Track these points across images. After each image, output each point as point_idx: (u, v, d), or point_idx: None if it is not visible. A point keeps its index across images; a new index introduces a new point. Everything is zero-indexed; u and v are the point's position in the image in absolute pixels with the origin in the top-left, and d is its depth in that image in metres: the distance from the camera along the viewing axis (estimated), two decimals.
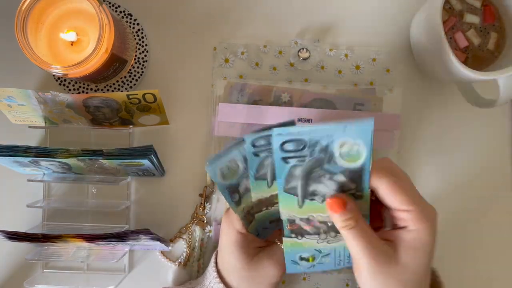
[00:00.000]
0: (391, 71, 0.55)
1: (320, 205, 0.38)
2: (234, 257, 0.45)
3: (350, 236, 0.38)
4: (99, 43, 0.43)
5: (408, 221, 0.39)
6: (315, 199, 0.38)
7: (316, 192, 0.38)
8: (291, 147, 0.34)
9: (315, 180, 0.37)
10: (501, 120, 0.56)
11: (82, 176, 0.52)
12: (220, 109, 0.52)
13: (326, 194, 0.38)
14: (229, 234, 0.45)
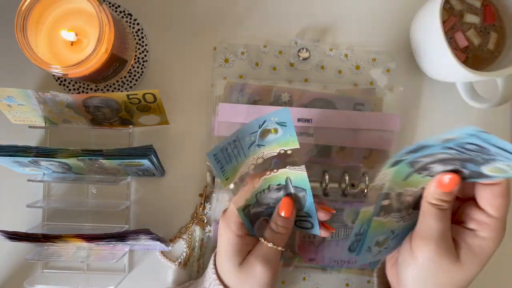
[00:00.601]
0: (391, 71, 0.55)
1: (421, 179, 0.39)
2: (228, 260, 0.45)
3: (437, 215, 0.39)
4: (99, 43, 0.43)
5: (484, 226, 0.39)
6: (422, 173, 0.38)
7: (430, 169, 0.38)
8: (471, 148, 0.34)
9: (444, 163, 0.37)
10: (501, 120, 0.56)
11: (82, 176, 0.52)
12: (220, 109, 0.52)
13: (436, 172, 0.38)
14: (226, 236, 0.45)
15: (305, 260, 0.53)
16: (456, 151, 0.35)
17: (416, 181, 0.40)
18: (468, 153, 0.35)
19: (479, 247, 0.39)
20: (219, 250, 0.46)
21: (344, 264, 0.53)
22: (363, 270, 0.53)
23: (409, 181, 0.39)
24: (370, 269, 0.53)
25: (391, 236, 0.43)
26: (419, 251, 0.39)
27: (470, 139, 0.33)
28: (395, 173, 0.39)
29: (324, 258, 0.53)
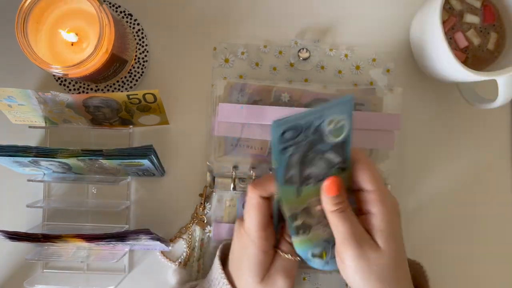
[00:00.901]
0: (391, 71, 0.55)
1: (314, 187, 0.40)
2: (252, 275, 0.44)
3: (340, 219, 0.40)
4: (99, 43, 0.43)
5: (371, 203, 0.41)
6: (310, 182, 0.39)
7: (310, 175, 0.39)
8: (289, 135, 0.35)
9: (309, 163, 0.38)
10: (501, 120, 0.56)
11: (82, 176, 0.52)
12: (220, 108, 0.52)
13: (319, 175, 0.39)
14: (251, 252, 0.44)
15: None
16: (291, 146, 0.36)
17: (312, 192, 0.40)
18: (299, 140, 0.36)
19: (382, 222, 0.40)
20: (240, 264, 0.45)
21: None
22: None
23: (304, 196, 0.40)
24: None
25: (328, 246, 0.43)
26: (345, 257, 0.40)
27: (275, 131, 0.35)
28: (283, 195, 0.39)
29: None
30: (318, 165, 0.39)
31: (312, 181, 0.39)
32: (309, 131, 0.37)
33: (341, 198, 0.40)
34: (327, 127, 0.37)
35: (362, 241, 0.40)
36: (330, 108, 0.37)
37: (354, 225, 0.40)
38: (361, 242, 0.40)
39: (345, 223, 0.40)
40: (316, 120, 0.36)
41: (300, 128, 0.36)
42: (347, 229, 0.40)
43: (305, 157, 0.38)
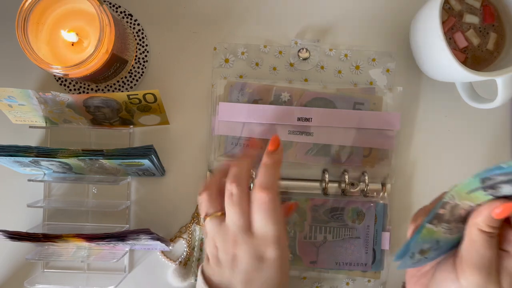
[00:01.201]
0: (391, 71, 0.55)
1: (483, 196, 0.37)
2: None
3: (486, 243, 0.37)
4: (100, 44, 0.43)
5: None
6: (488, 191, 0.37)
7: (497, 189, 0.36)
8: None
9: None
10: (501, 120, 0.56)
11: (83, 176, 0.53)
12: (220, 108, 0.52)
13: (500, 194, 0.37)
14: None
15: (306, 262, 0.53)
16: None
17: (476, 197, 0.38)
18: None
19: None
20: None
21: (346, 266, 0.53)
22: (365, 272, 0.53)
23: (471, 196, 0.38)
24: (372, 272, 0.53)
25: (435, 246, 0.42)
26: (467, 277, 0.38)
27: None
28: (464, 184, 0.37)
29: (326, 260, 0.53)
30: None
31: (491, 191, 0.37)
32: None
33: (499, 224, 0.37)
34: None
35: (492, 275, 0.37)
36: None
37: (494, 257, 0.38)
38: (491, 275, 0.37)
39: (489, 249, 0.37)
40: None
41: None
42: (488, 256, 0.37)
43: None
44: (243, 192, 0.42)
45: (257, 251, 0.41)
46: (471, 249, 0.38)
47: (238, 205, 0.42)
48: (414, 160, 0.55)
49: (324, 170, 0.53)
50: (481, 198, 0.38)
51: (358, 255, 0.53)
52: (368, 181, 0.52)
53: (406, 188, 0.55)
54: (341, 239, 0.53)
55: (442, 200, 0.38)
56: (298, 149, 0.53)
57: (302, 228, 0.53)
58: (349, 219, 0.53)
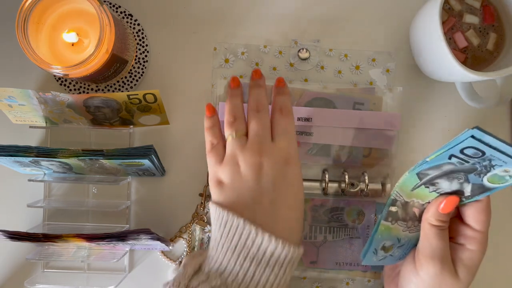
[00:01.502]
0: (391, 71, 0.55)
1: (428, 193, 0.41)
2: None
3: (437, 235, 0.41)
4: (100, 44, 0.43)
5: (471, 240, 0.42)
6: (429, 187, 0.40)
7: (437, 184, 0.39)
8: (469, 153, 0.35)
9: (448, 176, 0.39)
10: (500, 120, 0.56)
11: (83, 176, 0.53)
12: (220, 108, 0.52)
13: (442, 189, 0.40)
14: None
15: (307, 263, 0.53)
16: (459, 159, 0.36)
17: (423, 195, 0.41)
18: (469, 160, 0.35)
19: (470, 260, 0.42)
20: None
21: (346, 266, 0.53)
22: (365, 272, 0.53)
23: (416, 193, 0.41)
24: (372, 272, 0.53)
25: (397, 243, 0.45)
26: (424, 268, 0.42)
27: (468, 141, 0.34)
28: (404, 181, 0.40)
29: (326, 260, 0.53)
30: (452, 184, 0.39)
31: (433, 188, 0.40)
32: (484, 161, 0.35)
33: (448, 218, 0.42)
34: (498, 170, 0.36)
35: (446, 263, 0.41)
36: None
37: (447, 246, 0.42)
38: (445, 264, 0.41)
39: (440, 241, 0.41)
40: (497, 160, 0.35)
41: (482, 153, 0.34)
42: (440, 246, 0.41)
43: (453, 172, 0.38)
44: (265, 110, 0.47)
45: (282, 157, 0.45)
46: (425, 242, 0.42)
47: (262, 119, 0.46)
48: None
49: (324, 170, 0.53)
50: (428, 196, 0.41)
51: (358, 255, 0.53)
52: (368, 181, 0.52)
53: None
54: (341, 239, 0.53)
55: (390, 197, 0.41)
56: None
57: (302, 228, 0.53)
58: (349, 219, 0.53)
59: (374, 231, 0.43)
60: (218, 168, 0.45)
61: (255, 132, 0.45)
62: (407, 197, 0.41)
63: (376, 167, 0.54)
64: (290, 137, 0.46)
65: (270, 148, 0.45)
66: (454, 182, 0.39)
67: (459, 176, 0.38)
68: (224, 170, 0.45)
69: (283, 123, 0.46)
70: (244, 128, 0.47)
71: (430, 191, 0.40)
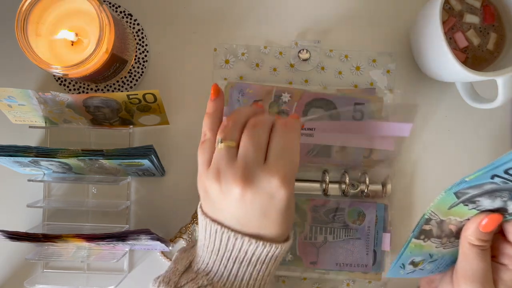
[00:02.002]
0: (391, 72, 0.55)
1: (467, 211, 0.38)
2: None
3: (478, 256, 0.39)
4: (100, 43, 0.43)
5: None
6: (469, 205, 0.38)
7: (478, 201, 0.37)
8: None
9: (490, 195, 0.36)
10: (501, 120, 0.56)
11: (82, 176, 0.53)
12: None
13: (483, 207, 0.38)
14: None
15: (307, 263, 0.53)
16: (503, 179, 0.34)
17: (462, 212, 0.39)
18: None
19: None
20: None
21: (346, 267, 0.53)
22: (366, 274, 0.53)
23: (453, 211, 0.39)
24: (373, 273, 0.53)
25: (428, 259, 0.43)
26: (451, 284, 0.40)
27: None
28: (440, 200, 0.38)
29: (326, 261, 0.53)
30: (494, 202, 0.37)
31: (472, 206, 0.38)
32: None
33: (490, 237, 0.39)
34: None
35: (487, 286, 0.39)
36: None
37: (489, 267, 0.39)
38: (486, 287, 0.39)
39: (481, 262, 0.39)
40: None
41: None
42: (481, 268, 0.39)
43: (495, 190, 0.36)
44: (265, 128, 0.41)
45: (270, 188, 0.39)
46: (464, 262, 0.39)
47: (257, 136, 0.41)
48: (415, 160, 0.55)
49: (325, 171, 0.53)
50: (468, 213, 0.39)
51: (358, 256, 0.53)
52: (368, 181, 0.52)
53: (407, 188, 0.55)
54: (341, 239, 0.53)
55: (424, 216, 0.39)
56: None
57: (303, 229, 0.53)
58: (349, 220, 0.53)
59: (404, 248, 0.41)
60: (204, 171, 0.41)
61: (245, 152, 0.40)
62: (443, 216, 0.39)
63: (376, 168, 0.54)
64: (288, 160, 0.40)
65: (258, 176, 0.39)
66: (497, 200, 0.37)
67: (502, 194, 0.36)
68: (208, 180, 0.41)
69: (282, 141, 0.41)
70: (238, 137, 0.41)
71: (469, 208, 0.38)
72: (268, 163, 0.40)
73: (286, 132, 0.41)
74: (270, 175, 0.39)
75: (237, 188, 0.39)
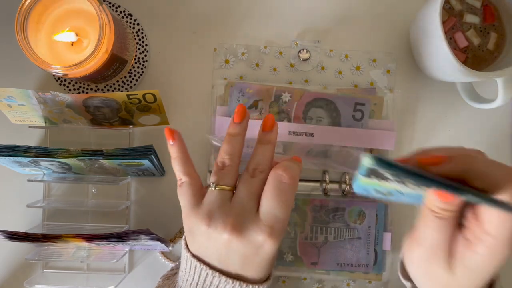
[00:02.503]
0: (391, 72, 0.55)
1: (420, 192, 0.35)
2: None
3: (433, 224, 0.36)
4: (99, 43, 0.43)
5: (479, 241, 0.35)
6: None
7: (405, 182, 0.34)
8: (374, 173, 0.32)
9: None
10: (501, 120, 0.56)
11: (82, 176, 0.52)
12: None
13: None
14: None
15: (308, 264, 0.53)
16: (381, 176, 0.32)
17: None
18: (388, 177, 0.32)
19: (474, 262, 0.36)
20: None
21: (347, 268, 0.53)
22: (367, 274, 0.53)
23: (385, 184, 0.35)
24: (374, 273, 0.53)
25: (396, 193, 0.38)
26: (411, 252, 0.39)
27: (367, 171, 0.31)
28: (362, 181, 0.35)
29: (327, 261, 0.53)
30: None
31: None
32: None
33: (449, 208, 0.35)
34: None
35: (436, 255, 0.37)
36: None
37: (442, 239, 0.36)
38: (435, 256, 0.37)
39: (435, 231, 0.36)
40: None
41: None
42: (433, 236, 0.36)
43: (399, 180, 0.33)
44: (263, 175, 0.41)
45: (257, 241, 0.39)
46: (419, 225, 0.38)
47: (253, 187, 0.41)
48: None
49: (325, 171, 0.53)
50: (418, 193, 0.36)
51: (359, 256, 0.53)
52: None
53: None
54: (342, 239, 0.53)
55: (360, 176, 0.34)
56: (298, 150, 0.53)
57: (303, 229, 0.53)
58: (350, 220, 0.53)
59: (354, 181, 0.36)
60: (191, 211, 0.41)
61: (240, 200, 0.40)
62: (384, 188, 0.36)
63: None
64: (280, 213, 0.40)
65: (248, 227, 0.39)
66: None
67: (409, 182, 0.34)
68: (197, 219, 0.41)
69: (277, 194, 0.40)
70: (232, 181, 0.42)
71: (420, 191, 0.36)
72: (260, 214, 0.40)
73: (282, 185, 0.40)
74: (260, 229, 0.39)
75: (225, 234, 0.39)
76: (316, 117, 0.53)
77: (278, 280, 0.54)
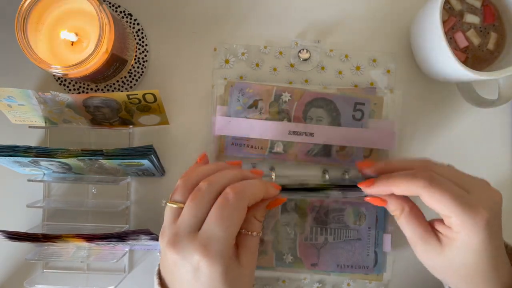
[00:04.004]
0: (392, 72, 0.55)
1: None
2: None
3: (399, 222, 0.44)
4: (99, 43, 0.43)
5: (452, 224, 0.40)
6: None
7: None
8: None
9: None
10: (501, 120, 0.56)
11: (82, 176, 0.52)
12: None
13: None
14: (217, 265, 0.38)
15: (307, 265, 0.53)
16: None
17: None
18: None
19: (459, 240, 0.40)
20: None
21: (348, 269, 0.53)
22: (367, 275, 0.53)
23: None
24: (374, 274, 0.53)
25: None
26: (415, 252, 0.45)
27: None
28: None
29: (327, 262, 0.53)
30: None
31: None
32: None
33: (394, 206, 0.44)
34: None
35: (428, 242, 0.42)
36: None
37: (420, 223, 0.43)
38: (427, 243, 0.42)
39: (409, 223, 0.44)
40: None
41: None
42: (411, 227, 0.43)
43: None
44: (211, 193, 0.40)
45: (195, 260, 0.38)
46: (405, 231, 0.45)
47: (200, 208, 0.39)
48: None
49: (325, 171, 0.53)
50: None
51: (359, 257, 0.53)
52: None
53: None
54: (342, 240, 0.53)
55: None
56: (298, 149, 0.53)
57: (303, 229, 0.53)
58: (350, 220, 0.53)
59: None
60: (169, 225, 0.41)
61: (182, 218, 0.39)
62: None
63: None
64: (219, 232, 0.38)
65: (184, 245, 0.38)
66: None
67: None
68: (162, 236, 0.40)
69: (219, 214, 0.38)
70: (184, 199, 0.40)
71: None
72: (200, 234, 0.38)
73: (225, 201, 0.39)
74: (194, 248, 0.38)
75: (164, 248, 0.39)
76: (316, 117, 0.53)
77: (278, 280, 0.54)
